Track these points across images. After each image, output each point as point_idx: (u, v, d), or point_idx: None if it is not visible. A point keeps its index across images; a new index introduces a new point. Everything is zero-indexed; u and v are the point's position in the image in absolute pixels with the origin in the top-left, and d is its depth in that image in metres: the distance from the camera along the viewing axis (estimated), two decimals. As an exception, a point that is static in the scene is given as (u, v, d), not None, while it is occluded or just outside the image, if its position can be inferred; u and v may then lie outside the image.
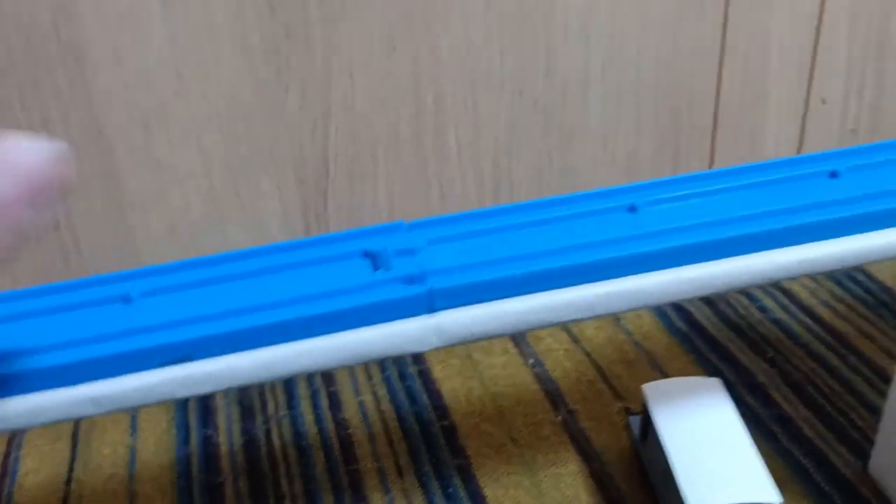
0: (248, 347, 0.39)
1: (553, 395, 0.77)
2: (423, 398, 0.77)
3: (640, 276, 0.43)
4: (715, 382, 0.63)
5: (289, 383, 0.80)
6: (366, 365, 0.81)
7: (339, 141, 0.80)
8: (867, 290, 0.88)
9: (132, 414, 0.77)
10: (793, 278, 0.45)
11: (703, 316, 0.86)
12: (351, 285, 0.41)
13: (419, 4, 0.75)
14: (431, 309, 0.40)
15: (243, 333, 0.39)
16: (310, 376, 0.80)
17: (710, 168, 0.95)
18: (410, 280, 0.40)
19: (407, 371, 0.81)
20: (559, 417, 0.75)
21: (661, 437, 0.59)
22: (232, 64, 0.74)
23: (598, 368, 0.80)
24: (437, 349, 0.41)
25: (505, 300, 0.41)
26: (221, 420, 0.76)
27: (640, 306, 0.43)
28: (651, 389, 0.64)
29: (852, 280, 0.90)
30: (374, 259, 0.42)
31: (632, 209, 0.47)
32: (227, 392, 0.78)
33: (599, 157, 0.90)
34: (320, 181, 0.83)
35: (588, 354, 0.82)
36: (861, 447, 0.69)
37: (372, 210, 0.85)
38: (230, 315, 0.39)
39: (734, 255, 0.45)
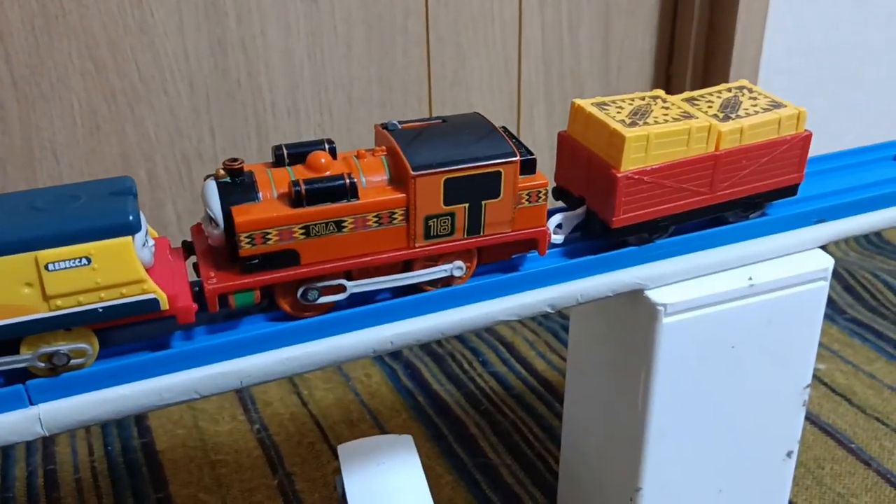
0: None
1: (273, 460, 0.79)
2: (144, 471, 0.78)
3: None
4: (406, 439, 0.66)
5: (6, 461, 0.78)
6: (88, 439, 0.81)
7: (50, 218, 0.80)
8: (578, 340, 0.95)
9: None
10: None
11: (429, 372, 0.91)
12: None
13: (119, 86, 0.77)
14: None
15: None
16: (29, 454, 0.79)
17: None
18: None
19: (131, 444, 0.81)
20: (276, 481, 0.77)
21: (347, 496, 0.62)
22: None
23: (322, 430, 0.83)
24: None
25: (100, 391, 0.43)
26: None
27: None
28: (345, 450, 0.66)
29: (566, 330, 0.96)
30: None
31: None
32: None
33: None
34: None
35: (314, 417, 0.85)
36: (553, 488, 0.75)
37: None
38: None
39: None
